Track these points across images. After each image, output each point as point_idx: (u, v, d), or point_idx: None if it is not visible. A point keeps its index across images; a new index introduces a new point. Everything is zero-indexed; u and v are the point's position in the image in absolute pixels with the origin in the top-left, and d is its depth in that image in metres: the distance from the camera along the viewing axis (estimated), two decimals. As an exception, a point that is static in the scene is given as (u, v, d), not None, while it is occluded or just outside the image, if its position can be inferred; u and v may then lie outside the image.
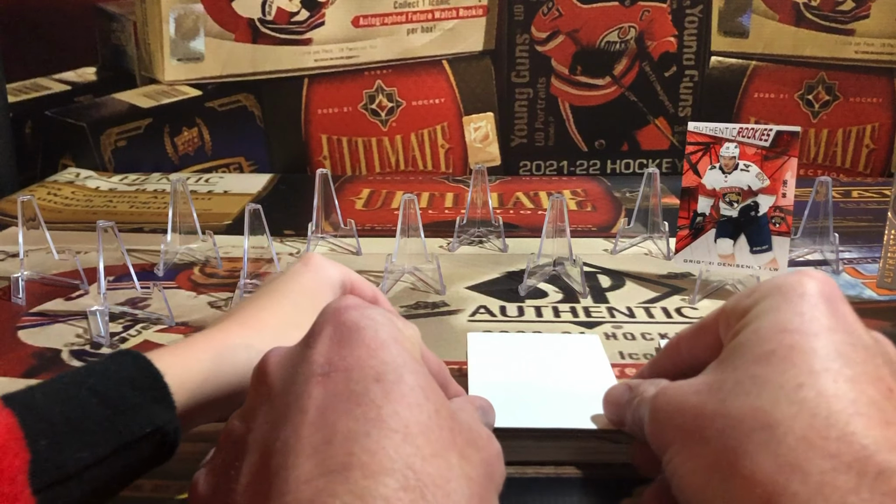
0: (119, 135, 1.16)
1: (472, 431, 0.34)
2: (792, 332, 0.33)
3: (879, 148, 1.17)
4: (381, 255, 0.76)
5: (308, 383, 0.33)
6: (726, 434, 0.32)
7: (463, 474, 0.31)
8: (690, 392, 0.36)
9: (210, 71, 1.14)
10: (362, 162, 1.19)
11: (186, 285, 0.74)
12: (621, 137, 1.18)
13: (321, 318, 0.36)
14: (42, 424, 0.36)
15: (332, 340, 0.34)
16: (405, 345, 0.35)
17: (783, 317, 0.34)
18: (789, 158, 0.66)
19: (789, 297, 0.35)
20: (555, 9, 1.13)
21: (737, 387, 0.33)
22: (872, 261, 0.79)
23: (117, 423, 0.38)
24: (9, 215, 0.95)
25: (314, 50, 1.14)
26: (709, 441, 0.33)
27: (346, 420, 0.31)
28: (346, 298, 0.36)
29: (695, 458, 0.33)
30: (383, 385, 0.32)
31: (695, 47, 1.14)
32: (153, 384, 0.40)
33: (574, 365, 0.52)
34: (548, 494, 0.44)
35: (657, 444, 0.37)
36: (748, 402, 0.32)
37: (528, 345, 0.56)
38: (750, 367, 0.34)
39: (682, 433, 0.35)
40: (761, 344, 0.34)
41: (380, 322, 0.35)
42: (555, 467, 0.45)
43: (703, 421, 0.34)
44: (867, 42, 1.14)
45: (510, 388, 0.49)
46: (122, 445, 0.38)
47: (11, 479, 0.33)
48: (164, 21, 1.09)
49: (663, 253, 0.81)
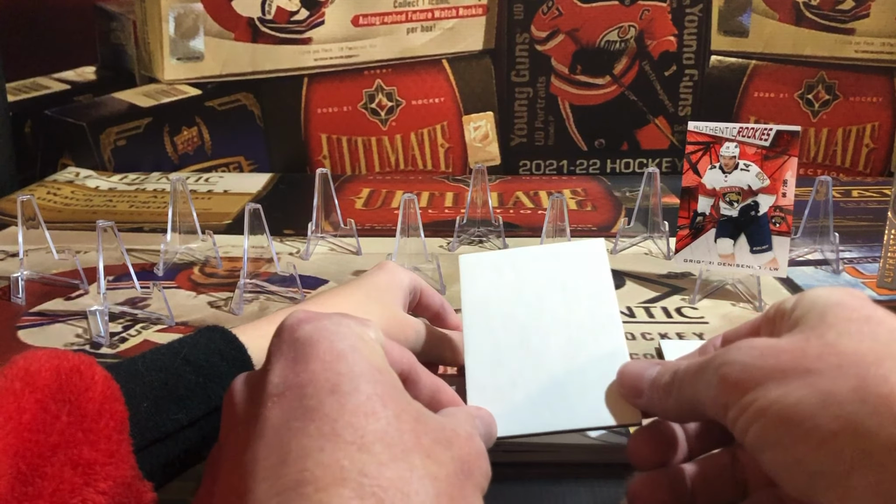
0: (119, 134, 1.16)
1: (445, 430, 0.34)
2: (878, 309, 0.34)
3: (879, 147, 1.17)
4: (381, 254, 0.76)
5: (264, 406, 0.32)
6: (845, 366, 0.31)
7: (427, 474, 0.30)
8: (781, 342, 0.34)
9: (210, 70, 1.14)
10: (362, 161, 1.19)
11: (186, 285, 0.74)
12: (621, 137, 1.18)
13: (276, 337, 0.35)
14: (143, 389, 0.39)
15: (287, 358, 0.34)
16: (364, 352, 0.34)
17: (857, 301, 0.34)
18: (789, 158, 0.66)
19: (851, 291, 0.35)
20: (555, 8, 1.13)
21: (842, 336, 0.32)
22: (872, 260, 0.79)
23: (208, 389, 0.41)
24: (8, 215, 0.95)
25: (314, 49, 1.14)
26: (820, 374, 0.31)
27: (301, 437, 0.30)
28: (298, 312, 0.36)
29: (798, 390, 0.31)
30: (338, 397, 0.31)
31: (695, 46, 1.14)
32: (238, 355, 0.43)
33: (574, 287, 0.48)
34: (548, 494, 0.44)
35: (732, 390, 0.33)
36: (864, 345, 0.31)
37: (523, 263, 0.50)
38: (850, 324, 0.33)
39: (777, 371, 0.32)
40: (851, 312, 0.33)
41: (336, 332, 0.34)
42: (555, 467, 0.45)
43: (808, 359, 0.32)
44: (867, 41, 1.14)
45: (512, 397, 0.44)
46: (214, 409, 0.40)
47: (108, 437, 0.35)
48: (164, 20, 1.09)
49: (663, 252, 0.81)
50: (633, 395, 0.41)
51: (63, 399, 0.35)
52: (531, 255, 0.50)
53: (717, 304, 0.69)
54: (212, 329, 0.44)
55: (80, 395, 0.35)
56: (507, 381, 0.45)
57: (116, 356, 0.60)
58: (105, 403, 0.36)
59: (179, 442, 0.40)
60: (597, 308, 0.47)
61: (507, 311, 0.47)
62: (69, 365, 0.36)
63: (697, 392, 0.36)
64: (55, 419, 0.34)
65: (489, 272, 0.49)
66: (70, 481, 0.34)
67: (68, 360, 0.36)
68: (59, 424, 0.34)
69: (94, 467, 0.35)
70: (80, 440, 0.35)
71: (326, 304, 0.49)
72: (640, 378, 0.41)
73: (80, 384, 0.36)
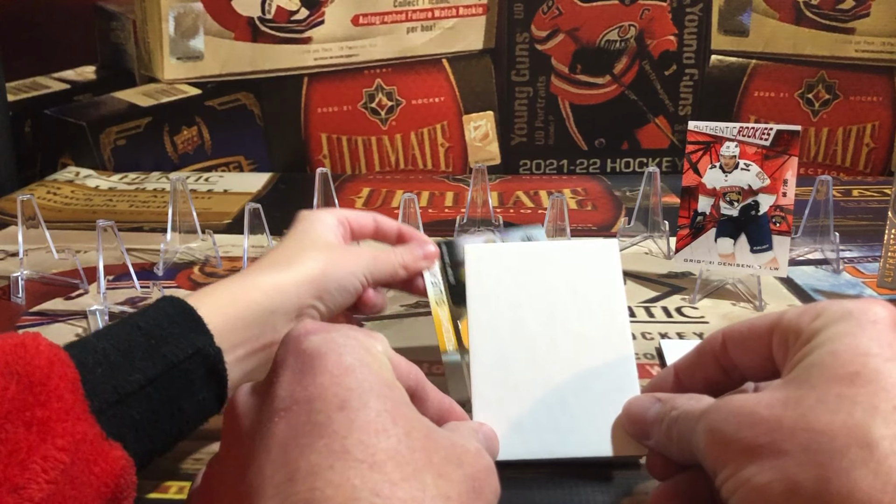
0: (118, 134, 1.16)
1: (455, 448, 0.33)
2: (874, 357, 0.32)
3: (880, 147, 1.17)
4: (381, 254, 0.76)
5: (271, 421, 0.32)
6: (813, 450, 0.30)
7: (439, 494, 0.30)
8: (761, 405, 0.33)
9: (210, 70, 1.14)
10: (362, 161, 1.19)
11: (186, 284, 0.74)
12: (621, 136, 1.18)
13: (282, 348, 0.35)
14: (97, 356, 0.40)
15: (294, 371, 0.33)
16: (373, 367, 0.34)
17: (861, 342, 0.33)
18: (790, 157, 0.66)
19: (862, 323, 0.34)
20: (555, 7, 1.13)
21: (820, 404, 0.31)
22: (873, 260, 0.79)
23: (162, 349, 0.41)
24: (8, 214, 0.95)
25: (314, 49, 1.14)
26: (788, 455, 0.31)
27: (309, 454, 0.30)
28: (305, 324, 0.35)
29: (768, 472, 0.31)
30: (347, 413, 0.31)
31: (695, 46, 1.14)
32: (189, 317, 0.44)
33: (584, 292, 0.47)
34: (548, 495, 0.44)
35: (716, 458, 0.34)
36: (838, 418, 0.30)
37: (533, 260, 0.49)
38: (833, 386, 0.32)
39: (753, 447, 0.32)
40: (843, 366, 0.32)
41: (343, 345, 0.34)
42: (554, 467, 0.45)
43: (781, 434, 0.32)
44: (867, 41, 1.14)
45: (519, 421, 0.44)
46: (170, 367, 0.41)
47: (59, 396, 0.36)
48: (164, 20, 1.09)
49: (663, 252, 0.81)
50: (640, 437, 0.41)
51: (10, 372, 0.35)
52: (541, 250, 0.50)
53: (717, 303, 0.69)
54: (163, 299, 0.45)
55: (26, 365, 0.36)
56: (514, 399, 0.44)
57: (116, 356, 0.60)
58: (53, 367, 0.36)
59: (141, 401, 0.40)
60: (608, 318, 0.47)
61: (514, 314, 0.47)
62: (13, 341, 0.37)
63: (692, 446, 0.36)
64: (4, 391, 0.34)
65: (496, 267, 0.49)
66: (26, 440, 0.34)
67: (13, 338, 0.37)
68: (9, 394, 0.34)
69: (49, 424, 0.34)
70: (31, 402, 0.35)
71: (260, 263, 0.51)
72: (644, 419, 0.41)
73: (26, 355, 0.36)
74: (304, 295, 0.50)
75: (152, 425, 0.40)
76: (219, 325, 0.45)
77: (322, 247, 0.53)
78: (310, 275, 0.50)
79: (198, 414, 0.44)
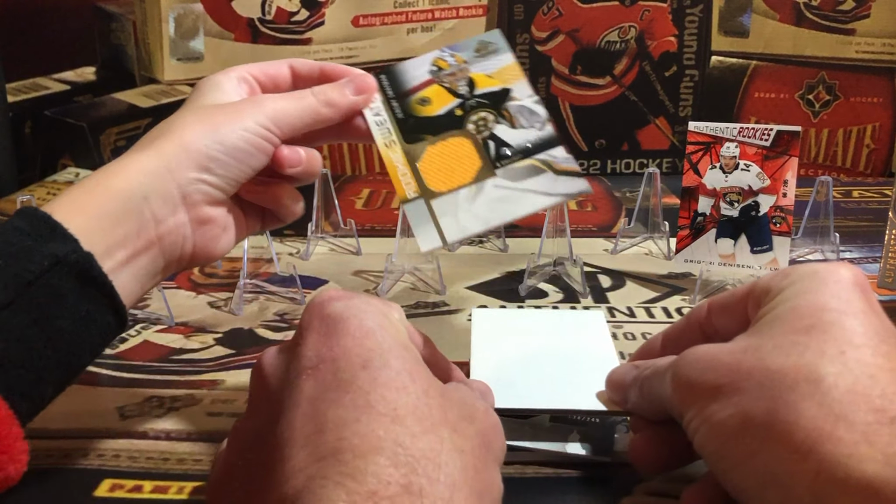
0: (119, 135, 1.16)
1: (466, 406, 0.35)
2: (830, 311, 0.35)
3: (880, 148, 1.17)
4: (381, 255, 0.76)
5: (299, 378, 0.34)
6: (766, 386, 0.33)
7: (454, 447, 0.32)
8: (723, 352, 0.36)
9: (209, 71, 1.14)
10: (362, 161, 1.19)
11: (186, 285, 0.74)
12: (621, 137, 1.18)
13: (306, 313, 0.36)
14: None
15: (319, 333, 0.35)
16: (390, 331, 0.35)
17: (821, 297, 0.36)
18: (790, 158, 0.66)
19: (826, 281, 0.37)
20: (555, 8, 1.13)
21: (776, 349, 0.34)
22: (873, 260, 0.79)
23: (13, 268, 0.36)
24: (8, 215, 0.94)
25: (314, 49, 1.14)
26: (745, 392, 0.33)
27: (336, 409, 0.32)
28: (329, 291, 0.37)
29: (727, 408, 0.34)
30: (370, 371, 0.33)
31: (695, 47, 1.14)
32: (44, 226, 0.39)
33: (577, 343, 0.52)
34: (548, 495, 0.44)
35: (680, 400, 0.37)
36: (790, 360, 0.33)
37: (531, 321, 0.55)
38: (789, 335, 0.35)
39: (714, 387, 0.35)
40: (801, 318, 0.35)
41: (364, 311, 0.36)
42: (555, 468, 0.45)
43: (740, 375, 0.34)
44: (868, 42, 1.14)
45: (512, 368, 0.48)
46: (26, 284, 0.36)
47: None
48: (164, 21, 1.09)
49: (664, 253, 0.81)
50: (620, 401, 0.44)
51: None
52: (538, 316, 0.56)
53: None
54: (17, 211, 0.40)
55: None
56: (509, 364, 0.48)
57: (116, 357, 0.60)
58: None
59: (4, 332, 0.36)
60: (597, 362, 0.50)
61: (513, 341, 0.51)
62: None
63: (661, 398, 0.39)
64: None
65: (498, 322, 0.54)
66: None
67: None
68: None
69: None
70: None
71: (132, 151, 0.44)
72: (623, 384, 0.43)
73: None
74: (179, 169, 0.43)
75: (24, 357, 0.36)
76: (81, 227, 0.39)
77: (199, 110, 0.46)
78: (182, 143, 0.43)
79: (88, 333, 0.39)
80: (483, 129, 0.51)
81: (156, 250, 0.42)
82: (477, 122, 0.51)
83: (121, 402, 0.54)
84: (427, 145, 0.50)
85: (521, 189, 0.48)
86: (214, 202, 0.45)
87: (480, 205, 0.47)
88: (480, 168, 0.49)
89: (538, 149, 0.49)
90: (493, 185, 0.48)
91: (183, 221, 0.44)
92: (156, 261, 0.43)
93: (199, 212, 0.44)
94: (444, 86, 0.53)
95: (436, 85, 0.53)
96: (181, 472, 0.46)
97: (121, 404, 0.53)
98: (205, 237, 0.45)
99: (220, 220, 0.46)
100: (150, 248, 0.42)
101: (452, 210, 0.47)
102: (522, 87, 0.52)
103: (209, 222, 0.45)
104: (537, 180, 0.48)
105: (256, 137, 0.45)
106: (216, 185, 0.44)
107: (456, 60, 0.53)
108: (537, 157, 0.49)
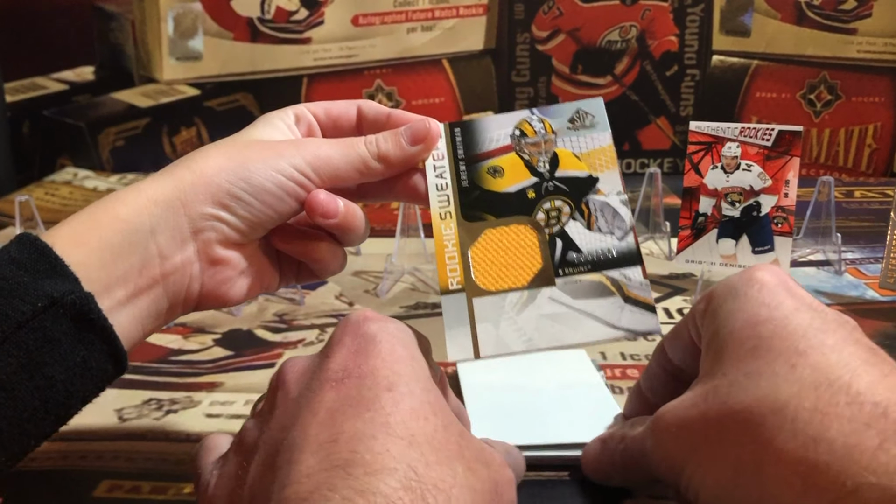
0: (117, 134, 1.15)
1: (484, 452, 0.35)
2: (765, 323, 0.34)
3: (882, 148, 1.17)
4: (381, 255, 0.76)
5: (322, 388, 0.33)
6: (738, 430, 0.32)
7: (467, 484, 0.31)
8: (688, 407, 0.36)
9: (209, 70, 1.14)
10: (362, 162, 1.19)
11: (185, 286, 0.73)
12: (622, 137, 1.18)
13: (340, 329, 0.36)
14: None
15: (350, 350, 0.34)
16: (420, 362, 0.35)
17: (748, 312, 0.35)
18: (791, 158, 0.65)
19: (746, 294, 0.36)
20: (555, 8, 1.13)
21: (733, 387, 0.34)
22: (875, 261, 0.78)
23: (3, 306, 0.33)
24: (6, 215, 0.94)
25: (313, 49, 1.14)
26: (723, 443, 0.33)
27: (354, 422, 0.31)
28: (365, 311, 0.37)
29: (715, 463, 0.33)
30: (394, 395, 0.32)
31: (696, 46, 1.14)
32: (42, 258, 0.35)
33: (565, 380, 0.53)
34: (548, 495, 0.43)
35: (669, 469, 0.36)
36: (749, 395, 0.32)
37: (515, 366, 0.54)
38: (739, 366, 0.34)
39: (694, 447, 0.35)
40: (741, 344, 0.35)
41: (398, 337, 0.35)
42: (555, 470, 0.45)
43: (711, 427, 0.34)
44: (869, 41, 1.13)
45: (511, 413, 0.49)
46: (16, 326, 0.33)
47: None
48: (163, 20, 1.09)
49: (665, 253, 0.80)
50: (605, 480, 0.43)
51: None
52: (524, 359, 0.55)
53: (719, 305, 0.69)
54: (16, 237, 0.36)
55: None
56: (506, 413, 0.49)
57: (114, 357, 0.60)
58: None
59: None
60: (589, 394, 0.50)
61: (503, 391, 0.51)
62: None
63: (649, 469, 0.38)
64: None
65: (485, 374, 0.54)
66: None
67: None
68: None
69: None
70: None
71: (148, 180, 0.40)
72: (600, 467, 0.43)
73: None
74: (193, 202, 0.38)
75: (7, 406, 0.32)
76: (81, 261, 0.35)
77: (233, 143, 0.42)
78: (202, 174, 0.39)
79: (81, 382, 0.35)
80: (554, 223, 0.42)
81: (159, 289, 0.38)
82: (549, 212, 0.42)
83: (119, 405, 0.53)
84: (486, 227, 0.42)
85: (580, 310, 0.40)
86: (230, 243, 0.40)
87: (528, 318, 0.39)
88: (539, 271, 0.41)
89: (612, 263, 0.40)
90: (549, 297, 0.40)
91: (191, 259, 0.39)
92: (159, 301, 0.39)
93: (210, 251, 0.40)
94: (522, 157, 0.44)
95: (513, 154, 0.44)
96: (180, 472, 0.46)
97: (119, 406, 0.53)
98: (215, 279, 0.41)
99: (235, 262, 0.41)
100: (153, 287, 0.38)
101: (495, 317, 0.39)
102: (613, 179, 0.43)
103: (221, 263, 0.41)
104: (601, 303, 0.39)
105: (289, 181, 0.40)
106: (233, 224, 0.40)
107: (544, 128, 0.45)
108: (608, 274, 0.40)
